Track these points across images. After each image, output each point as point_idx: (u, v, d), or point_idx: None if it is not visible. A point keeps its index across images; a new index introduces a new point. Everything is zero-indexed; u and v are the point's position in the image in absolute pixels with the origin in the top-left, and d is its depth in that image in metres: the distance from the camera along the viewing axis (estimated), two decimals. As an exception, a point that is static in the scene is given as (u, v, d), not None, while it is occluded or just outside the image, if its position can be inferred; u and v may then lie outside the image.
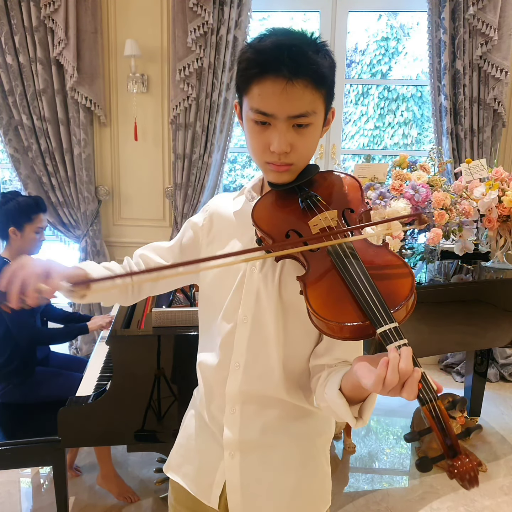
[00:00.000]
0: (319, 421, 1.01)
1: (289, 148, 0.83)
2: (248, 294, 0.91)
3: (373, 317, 0.69)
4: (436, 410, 0.63)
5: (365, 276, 0.74)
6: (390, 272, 0.76)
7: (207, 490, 1.00)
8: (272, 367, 0.92)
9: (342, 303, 0.73)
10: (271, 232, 0.86)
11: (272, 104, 0.80)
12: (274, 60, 0.78)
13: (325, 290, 0.76)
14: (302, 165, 0.89)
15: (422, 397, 0.64)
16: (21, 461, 1.88)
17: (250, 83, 0.81)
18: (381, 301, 0.70)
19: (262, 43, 0.80)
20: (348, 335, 0.73)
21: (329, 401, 0.81)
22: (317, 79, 0.80)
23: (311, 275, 0.79)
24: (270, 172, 0.89)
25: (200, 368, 1.03)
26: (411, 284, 0.73)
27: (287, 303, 0.90)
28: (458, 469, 0.61)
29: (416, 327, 2.08)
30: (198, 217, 1.04)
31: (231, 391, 0.94)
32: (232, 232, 0.97)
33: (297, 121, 0.82)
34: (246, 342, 0.92)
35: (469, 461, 0.61)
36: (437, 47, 3.10)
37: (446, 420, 0.63)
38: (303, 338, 0.92)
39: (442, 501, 2.20)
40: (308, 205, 0.87)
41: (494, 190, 2.22)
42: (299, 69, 0.77)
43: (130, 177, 3.46)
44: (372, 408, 0.78)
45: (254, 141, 0.86)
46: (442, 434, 0.63)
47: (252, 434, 0.95)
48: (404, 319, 0.72)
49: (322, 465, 1.02)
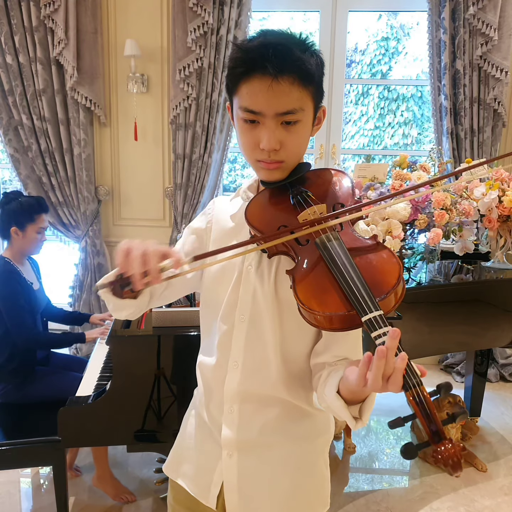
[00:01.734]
0: (318, 422, 1.01)
1: (279, 145, 0.84)
2: (245, 294, 0.92)
3: (358, 305, 0.70)
4: (420, 396, 0.63)
5: (351, 265, 0.75)
6: (377, 262, 0.77)
7: (205, 490, 1.00)
8: (270, 365, 0.92)
9: (329, 293, 0.74)
10: (263, 228, 0.87)
11: (259, 102, 0.81)
12: (260, 58, 0.79)
13: (313, 282, 0.77)
14: (292, 162, 0.89)
15: (406, 383, 0.64)
16: (21, 461, 1.87)
17: (238, 83, 0.83)
18: (366, 290, 0.71)
19: (250, 43, 0.82)
20: (337, 325, 0.73)
21: (329, 402, 0.82)
22: (303, 76, 0.81)
23: (300, 268, 0.80)
24: (261, 170, 0.90)
25: (200, 368, 1.04)
26: (398, 273, 0.74)
27: (283, 300, 0.90)
28: (442, 454, 0.61)
29: (416, 327, 2.08)
30: (199, 221, 1.05)
31: (230, 390, 0.95)
32: (229, 234, 0.98)
33: (285, 118, 0.82)
34: (243, 341, 0.93)
35: (452, 446, 0.61)
36: (437, 47, 3.10)
37: (430, 405, 0.63)
38: (300, 336, 0.93)
39: (442, 501, 2.20)
40: (298, 201, 0.88)
41: (494, 190, 2.22)
42: (284, 65, 0.78)
43: (130, 177, 3.46)
44: (371, 409, 0.78)
45: (245, 140, 0.87)
46: (427, 419, 0.63)
47: (250, 434, 0.95)
48: (393, 308, 0.73)
49: (321, 468, 1.01)
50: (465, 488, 2.27)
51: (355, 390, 0.71)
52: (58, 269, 4.42)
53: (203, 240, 1.02)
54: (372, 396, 0.77)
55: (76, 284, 3.51)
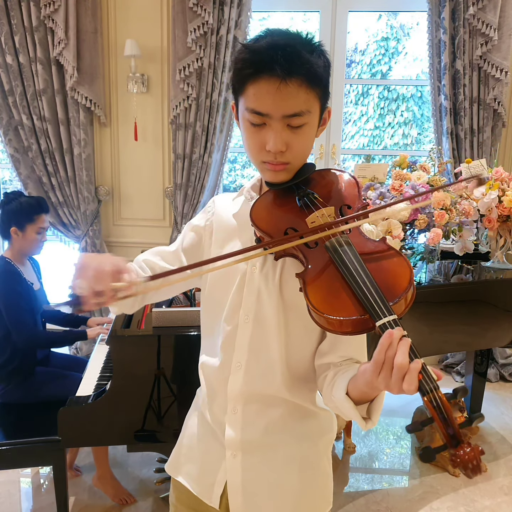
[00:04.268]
0: (321, 422, 1.01)
1: (285, 147, 0.84)
2: (249, 294, 0.92)
3: (372, 310, 0.69)
4: (437, 400, 0.63)
5: (363, 269, 0.74)
6: (388, 266, 0.77)
7: (208, 490, 1.00)
8: (274, 366, 0.92)
9: (341, 297, 0.74)
10: (269, 230, 0.86)
11: (267, 104, 0.81)
12: (269, 59, 0.78)
13: (324, 285, 0.77)
14: (298, 164, 0.89)
15: (423, 387, 0.64)
16: (21, 461, 1.88)
17: (246, 83, 0.82)
18: (379, 294, 0.71)
19: (257, 43, 0.82)
20: (349, 329, 0.73)
21: (337, 403, 0.82)
22: (311, 78, 0.80)
23: (310, 271, 0.79)
24: (267, 172, 0.89)
25: (202, 368, 1.03)
26: (409, 276, 0.74)
27: (288, 301, 0.90)
28: (461, 458, 0.61)
29: (416, 327, 2.08)
30: (199, 219, 1.04)
31: (233, 391, 0.94)
32: (232, 234, 0.97)
33: (292, 120, 0.82)
34: (247, 342, 0.92)
35: (471, 449, 0.62)
36: (437, 47, 3.10)
37: (448, 409, 0.63)
38: (305, 336, 0.92)
39: (442, 501, 2.20)
40: (306, 203, 0.88)
41: (494, 190, 2.22)
42: (293, 68, 0.78)
43: (130, 177, 3.46)
44: (380, 409, 0.79)
45: (251, 141, 0.87)
46: (444, 423, 0.63)
47: (254, 434, 0.95)
48: (403, 311, 0.73)
49: (324, 466, 1.02)
50: (465, 488, 2.28)
51: (369, 382, 0.71)
52: (58, 269, 4.42)
53: (201, 238, 1.02)
54: (381, 396, 0.77)
55: (76, 284, 3.51)
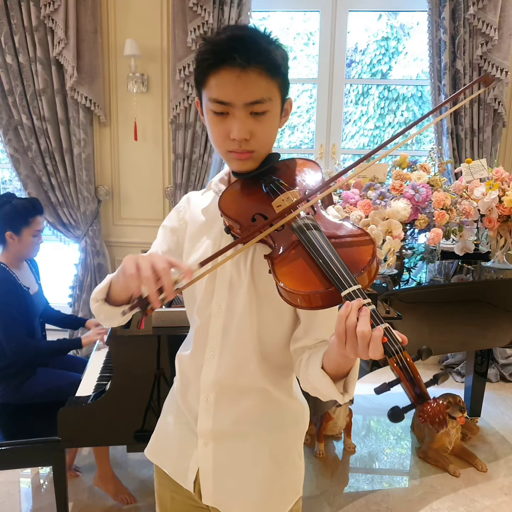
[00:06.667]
0: (293, 413, 1.03)
1: (249, 135, 0.86)
2: (221, 284, 0.93)
3: (337, 281, 0.72)
4: (403, 361, 0.66)
5: (328, 246, 0.77)
6: (352, 241, 0.80)
7: (183, 475, 1.03)
8: (248, 354, 0.93)
9: (308, 273, 0.77)
10: (238, 218, 0.88)
11: (228, 92, 0.83)
12: (228, 49, 0.81)
13: (291, 263, 0.79)
14: (263, 152, 0.91)
15: (388, 349, 0.66)
16: (21, 461, 1.88)
17: (207, 75, 0.84)
18: (343, 266, 0.74)
19: (217, 37, 0.84)
20: (318, 303, 0.76)
21: (314, 381, 0.84)
22: (270, 67, 0.83)
23: (277, 251, 0.82)
24: (233, 161, 0.91)
25: (178, 358, 1.06)
26: (372, 250, 0.77)
27: (259, 288, 0.91)
28: (428, 413, 0.65)
29: (416, 327, 2.08)
30: (172, 220, 1.05)
31: (206, 379, 0.96)
32: (202, 229, 0.99)
33: (254, 107, 0.84)
34: (221, 331, 0.94)
35: (437, 404, 0.64)
36: (437, 47, 3.10)
37: (414, 369, 0.66)
38: (277, 323, 0.94)
39: (442, 501, 2.20)
40: (271, 189, 0.90)
41: (494, 190, 2.22)
42: (252, 56, 0.81)
43: (130, 177, 3.46)
44: (355, 381, 0.81)
45: (215, 131, 0.88)
46: (411, 383, 0.66)
47: (225, 423, 0.97)
48: (368, 284, 0.76)
49: (293, 458, 1.03)
50: (465, 488, 2.28)
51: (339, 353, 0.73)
52: (58, 269, 4.42)
53: (178, 238, 1.03)
54: (354, 368, 0.80)
55: (76, 284, 3.51)
